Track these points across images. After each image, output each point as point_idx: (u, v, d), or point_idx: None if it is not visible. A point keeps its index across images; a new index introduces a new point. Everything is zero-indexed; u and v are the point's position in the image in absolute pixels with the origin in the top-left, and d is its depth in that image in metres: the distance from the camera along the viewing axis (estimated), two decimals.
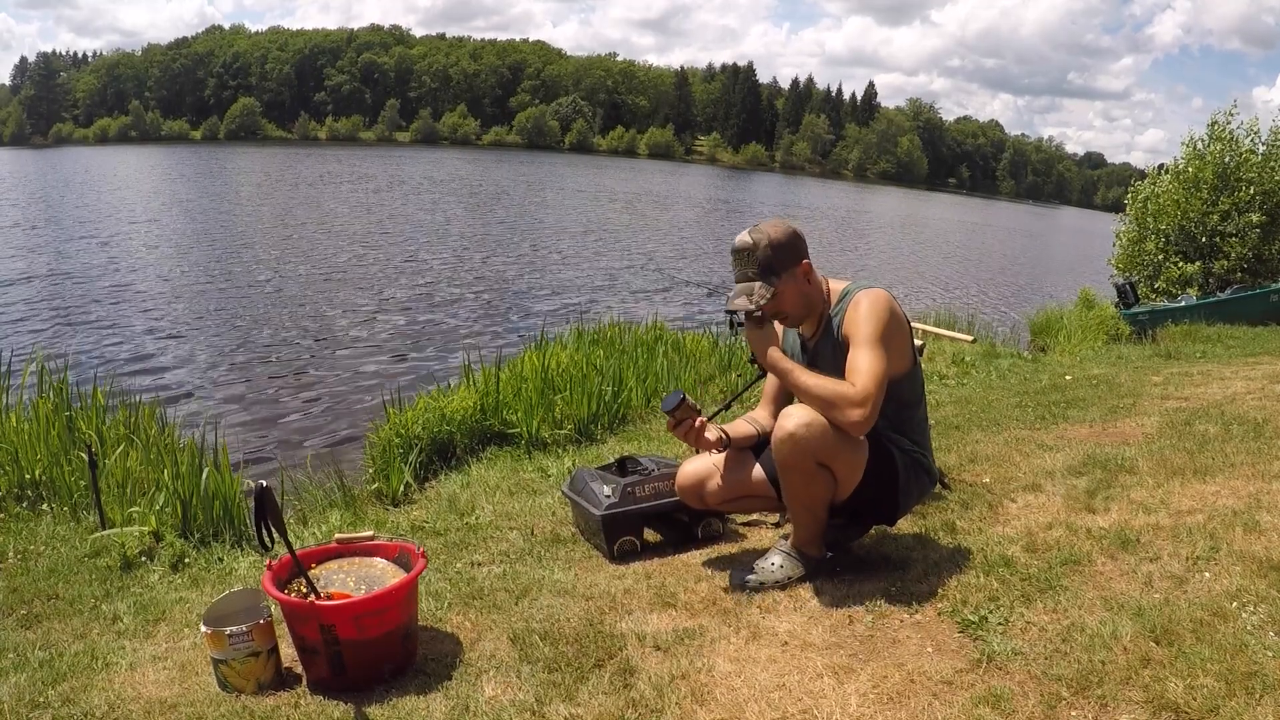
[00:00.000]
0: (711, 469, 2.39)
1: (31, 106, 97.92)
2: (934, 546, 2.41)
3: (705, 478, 2.39)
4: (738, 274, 2.18)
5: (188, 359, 7.57)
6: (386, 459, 3.97)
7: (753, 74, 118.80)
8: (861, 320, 2.10)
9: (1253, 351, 7.14)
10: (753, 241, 2.13)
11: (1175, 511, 2.54)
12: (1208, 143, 11.56)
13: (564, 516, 2.81)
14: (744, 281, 2.16)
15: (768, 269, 2.13)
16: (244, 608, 1.85)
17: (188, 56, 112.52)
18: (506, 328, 9.47)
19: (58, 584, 2.55)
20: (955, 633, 1.88)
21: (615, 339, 6.04)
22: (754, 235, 2.15)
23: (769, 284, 2.12)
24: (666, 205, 32.83)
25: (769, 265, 2.13)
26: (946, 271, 20.08)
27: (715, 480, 2.37)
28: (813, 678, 1.71)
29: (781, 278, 2.14)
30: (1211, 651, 1.65)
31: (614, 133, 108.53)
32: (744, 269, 2.15)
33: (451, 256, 14.82)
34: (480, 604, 2.14)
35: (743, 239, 2.16)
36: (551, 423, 4.28)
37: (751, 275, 2.14)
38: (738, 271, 2.17)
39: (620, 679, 1.73)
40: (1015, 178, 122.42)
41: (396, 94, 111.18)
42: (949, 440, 3.73)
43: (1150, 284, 11.53)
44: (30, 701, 1.77)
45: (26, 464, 3.55)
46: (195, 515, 3.09)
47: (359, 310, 9.94)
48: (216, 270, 12.32)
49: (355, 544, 2.02)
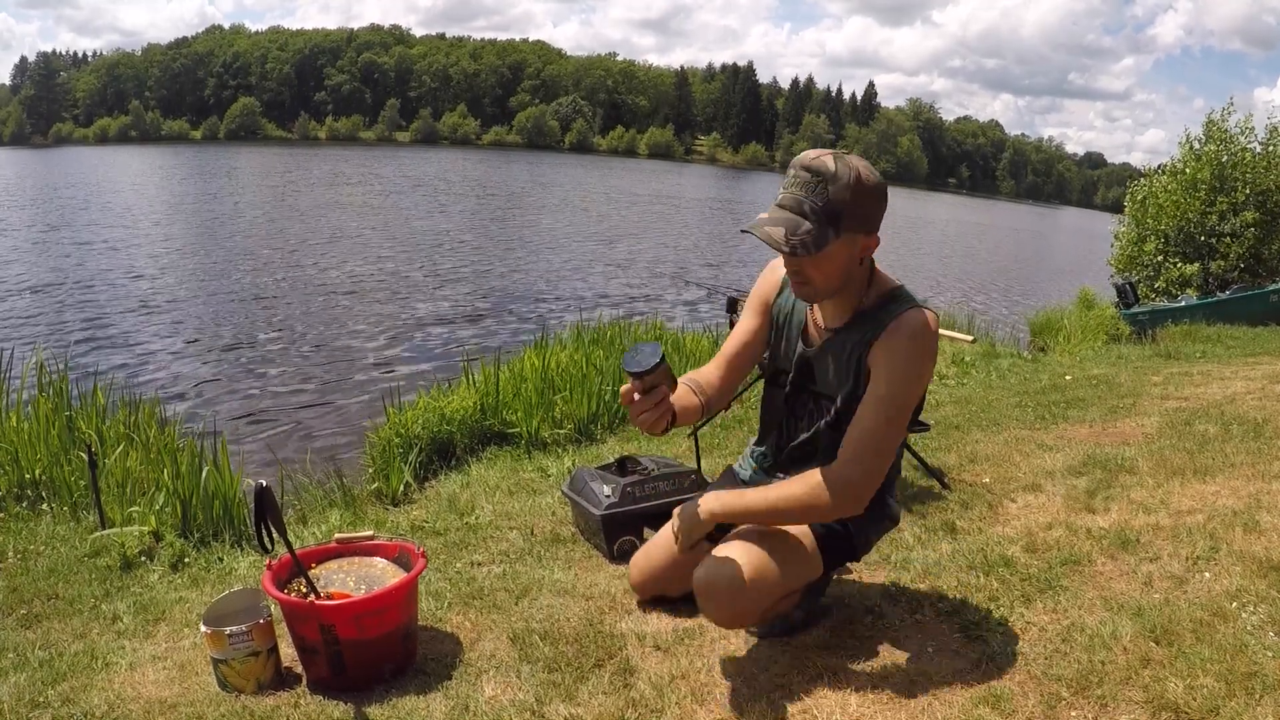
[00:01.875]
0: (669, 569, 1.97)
1: (31, 106, 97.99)
2: (934, 546, 2.41)
3: (663, 580, 2.01)
4: (787, 195, 1.57)
5: (188, 359, 7.57)
6: (386, 459, 3.96)
7: (753, 74, 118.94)
8: (904, 362, 1.61)
9: (1252, 351, 7.14)
10: (833, 170, 1.54)
11: (1175, 511, 2.54)
12: (1204, 142, 11.58)
13: (564, 516, 2.81)
14: (792, 209, 1.56)
15: (832, 215, 1.54)
16: (244, 607, 1.85)
17: (188, 56, 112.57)
18: (506, 328, 9.46)
19: (57, 584, 2.54)
20: (955, 633, 1.88)
21: (615, 338, 6.03)
22: (838, 163, 1.55)
23: (823, 234, 1.54)
24: (666, 205, 32.81)
25: (836, 211, 1.54)
26: (946, 271, 20.06)
27: (676, 584, 1.98)
28: (812, 678, 1.71)
29: (841, 237, 1.56)
30: (1211, 652, 1.65)
31: (614, 133, 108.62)
32: (800, 194, 1.55)
33: (451, 256, 14.81)
34: (480, 604, 2.13)
35: (820, 159, 1.56)
36: (551, 422, 4.28)
37: (807, 209, 1.55)
38: (788, 193, 1.57)
39: (620, 679, 1.73)
40: (1015, 178, 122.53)
41: (396, 94, 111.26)
42: (949, 440, 3.73)
43: (1150, 284, 11.54)
44: (30, 701, 1.77)
45: (26, 464, 3.54)
46: (195, 515, 3.08)
47: (359, 310, 9.94)
48: (217, 270, 12.31)
49: (355, 544, 2.02)
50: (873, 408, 1.63)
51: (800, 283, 1.65)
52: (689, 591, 1.80)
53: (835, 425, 1.75)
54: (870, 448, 1.62)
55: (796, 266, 1.62)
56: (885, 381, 1.62)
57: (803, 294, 1.68)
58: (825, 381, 1.76)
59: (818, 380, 1.78)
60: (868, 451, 1.62)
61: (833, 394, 1.75)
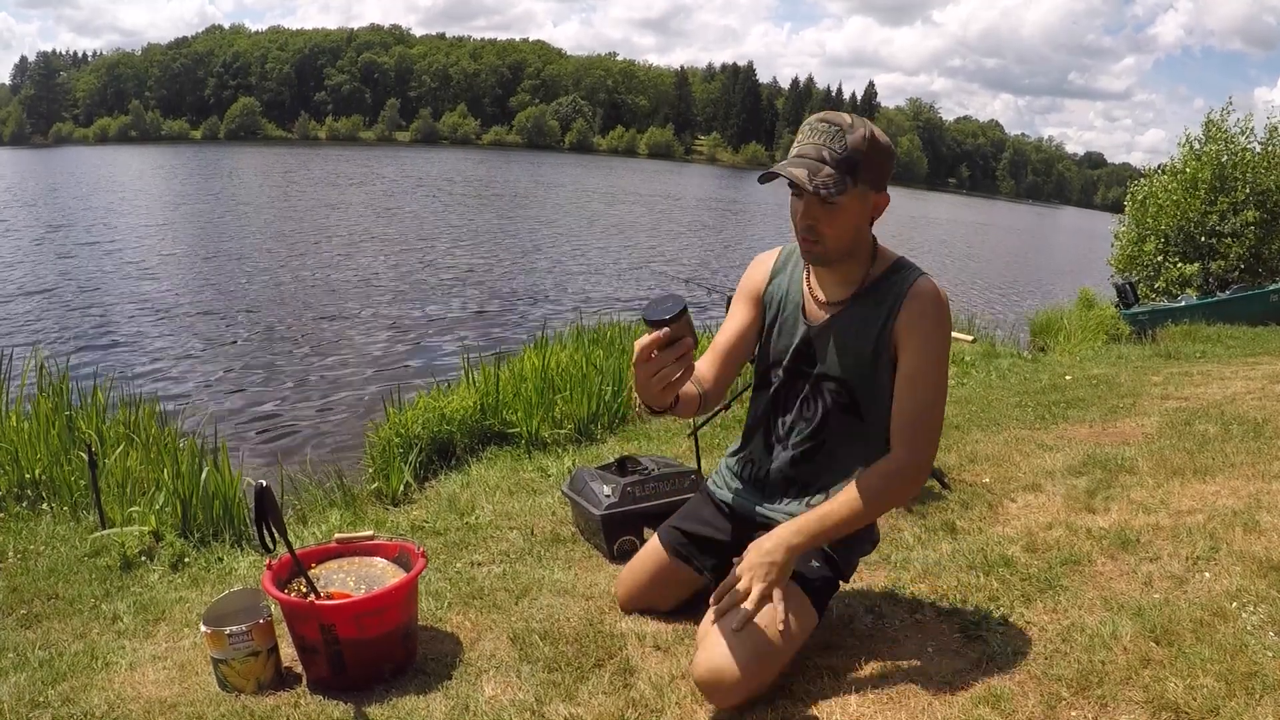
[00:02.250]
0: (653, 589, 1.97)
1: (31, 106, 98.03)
2: (934, 546, 2.41)
3: (647, 600, 1.99)
4: (806, 145, 1.58)
5: (188, 358, 7.57)
6: (386, 458, 3.96)
7: (753, 74, 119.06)
8: (934, 331, 1.62)
9: (1253, 351, 7.15)
10: (850, 122, 1.57)
11: (1175, 511, 2.54)
12: (1204, 142, 11.58)
13: (564, 516, 2.81)
14: (812, 156, 1.56)
15: (851, 163, 1.55)
16: (244, 607, 1.85)
17: (188, 56, 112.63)
18: (506, 327, 9.46)
19: (57, 584, 2.54)
20: (955, 633, 1.88)
21: (615, 338, 6.03)
22: (853, 118, 1.58)
23: (842, 180, 1.54)
24: (666, 205, 32.81)
25: (854, 160, 1.55)
26: (946, 271, 20.06)
27: (665, 602, 1.98)
28: (813, 678, 1.71)
29: (856, 188, 1.56)
30: (1211, 652, 1.65)
31: (614, 132, 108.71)
32: (820, 143, 1.56)
33: (451, 256, 14.81)
34: (480, 604, 2.13)
35: (836, 113, 1.60)
36: (551, 422, 4.28)
37: (826, 155, 1.55)
38: (807, 143, 1.58)
39: (620, 679, 1.73)
40: (1015, 177, 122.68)
41: (396, 94, 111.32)
42: (949, 440, 3.73)
43: (1150, 284, 11.54)
44: (30, 701, 1.77)
45: (26, 463, 3.54)
46: (195, 515, 3.08)
47: (359, 310, 9.94)
48: (217, 270, 12.31)
49: (355, 544, 2.02)
50: (918, 384, 1.61)
51: (812, 240, 1.62)
52: (678, 606, 1.85)
53: (849, 408, 1.71)
54: (926, 424, 1.62)
55: (812, 219, 1.59)
56: (921, 354, 1.61)
57: (813, 253, 1.65)
58: (829, 361, 1.71)
59: (819, 360, 1.72)
60: (925, 429, 1.62)
61: (838, 374, 1.70)
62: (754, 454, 1.89)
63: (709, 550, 1.91)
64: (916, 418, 1.62)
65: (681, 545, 1.94)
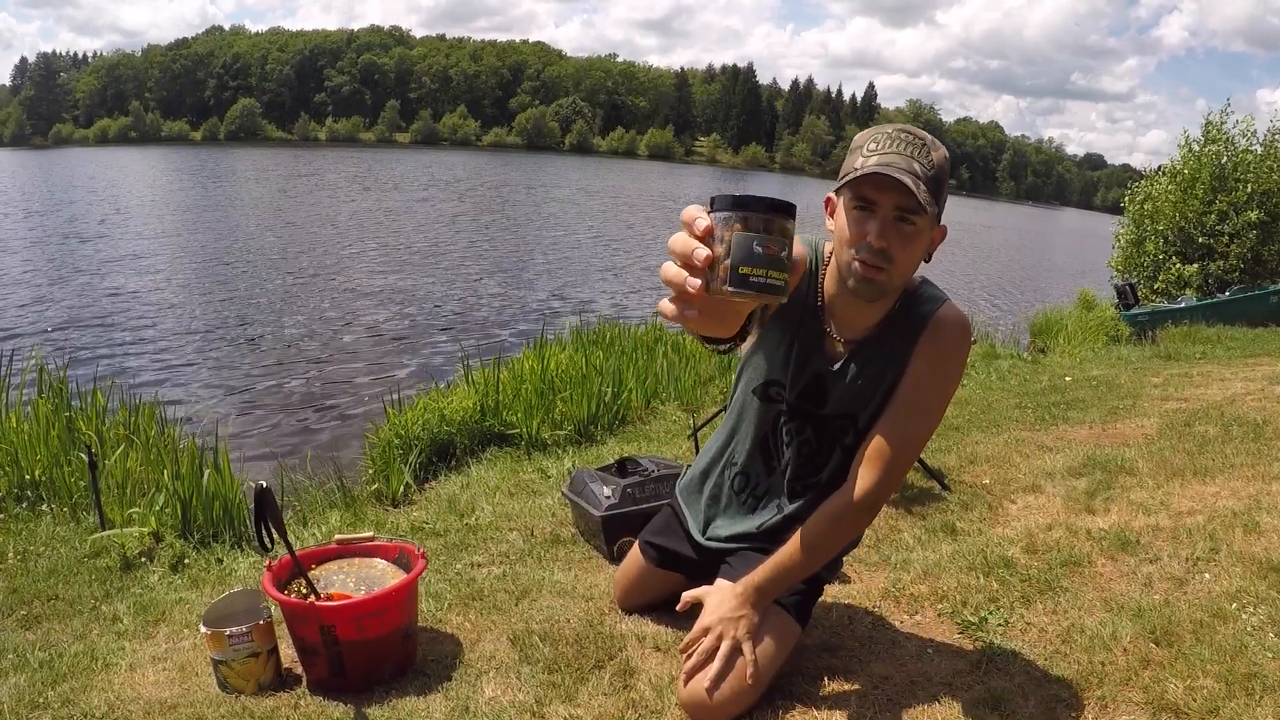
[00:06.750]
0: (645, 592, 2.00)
1: (31, 107, 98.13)
2: (934, 547, 2.41)
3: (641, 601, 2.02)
4: (891, 155, 1.34)
5: (188, 359, 7.57)
6: (386, 459, 3.96)
7: (753, 75, 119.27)
8: (947, 363, 1.48)
9: (1252, 352, 7.15)
10: (930, 139, 1.38)
11: (1175, 513, 2.54)
12: (1203, 144, 11.59)
13: (564, 517, 2.81)
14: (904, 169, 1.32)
15: (936, 184, 1.35)
16: (244, 608, 1.85)
17: (188, 57, 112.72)
18: (506, 328, 9.46)
19: (57, 585, 2.54)
20: (955, 633, 1.88)
21: (615, 340, 6.03)
22: (928, 135, 1.38)
23: (933, 202, 1.34)
24: (667, 205, 32.80)
25: (939, 181, 1.36)
26: (945, 272, 20.07)
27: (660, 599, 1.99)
28: (812, 678, 1.71)
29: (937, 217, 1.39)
30: (1211, 652, 1.65)
31: (614, 134, 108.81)
32: (909, 155, 1.34)
33: (451, 257, 14.82)
34: (480, 605, 2.13)
35: (914, 129, 1.38)
36: (551, 424, 4.28)
37: (919, 170, 1.33)
38: (891, 153, 1.34)
39: (620, 680, 1.73)
40: (1015, 179, 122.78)
41: (396, 95, 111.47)
42: (949, 441, 3.73)
43: (1150, 285, 11.55)
44: (30, 702, 1.77)
45: (26, 464, 3.54)
46: (195, 516, 3.08)
47: (359, 311, 9.94)
48: (216, 271, 12.31)
49: (355, 545, 2.02)
50: (910, 413, 1.48)
51: (877, 267, 1.37)
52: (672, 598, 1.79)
53: (852, 449, 1.59)
54: (901, 459, 1.49)
55: (887, 241, 1.36)
56: (926, 383, 1.47)
57: (875, 283, 1.40)
58: (841, 401, 1.57)
59: (830, 402, 1.58)
60: (898, 463, 1.49)
61: (850, 412, 1.57)
62: (753, 474, 1.75)
63: (683, 563, 1.91)
64: (896, 449, 1.48)
65: (660, 556, 1.96)
